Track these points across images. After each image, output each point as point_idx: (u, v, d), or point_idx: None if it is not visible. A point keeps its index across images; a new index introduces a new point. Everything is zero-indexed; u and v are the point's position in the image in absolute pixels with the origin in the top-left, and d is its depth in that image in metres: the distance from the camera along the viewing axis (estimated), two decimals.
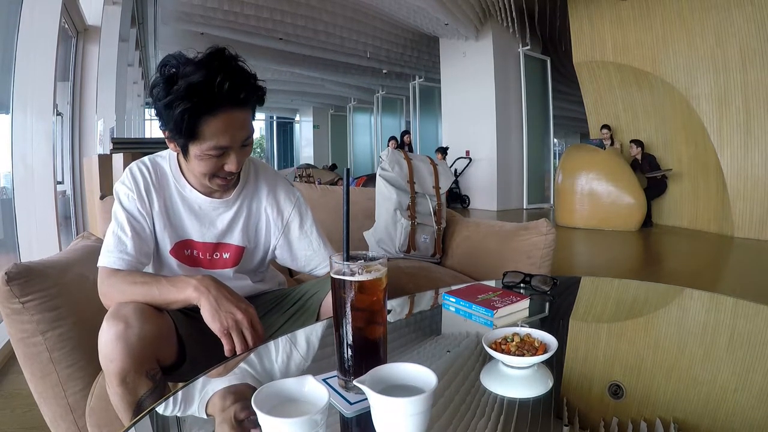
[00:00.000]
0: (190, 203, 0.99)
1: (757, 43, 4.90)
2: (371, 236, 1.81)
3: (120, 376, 0.77)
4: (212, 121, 0.84)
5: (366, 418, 0.51)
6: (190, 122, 0.83)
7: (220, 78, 0.81)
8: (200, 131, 0.85)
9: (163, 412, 0.62)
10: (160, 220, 0.98)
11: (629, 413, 0.58)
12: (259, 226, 1.06)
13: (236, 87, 0.83)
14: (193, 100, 0.81)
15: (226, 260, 1.03)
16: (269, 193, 1.05)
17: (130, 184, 0.96)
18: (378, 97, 13.54)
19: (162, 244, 0.99)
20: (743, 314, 0.98)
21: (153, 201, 0.97)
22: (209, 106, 0.82)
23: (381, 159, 1.88)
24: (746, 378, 0.68)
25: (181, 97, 0.81)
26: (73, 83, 3.99)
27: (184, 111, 0.81)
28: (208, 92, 0.81)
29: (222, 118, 0.84)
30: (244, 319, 0.81)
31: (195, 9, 7.45)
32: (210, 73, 0.81)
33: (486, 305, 0.90)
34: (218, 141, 0.86)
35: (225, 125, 0.85)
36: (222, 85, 0.81)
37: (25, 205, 2.66)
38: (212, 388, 0.66)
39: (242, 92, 0.84)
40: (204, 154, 0.87)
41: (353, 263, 0.59)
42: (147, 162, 1.00)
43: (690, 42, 5.52)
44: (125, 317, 0.79)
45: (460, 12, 7.51)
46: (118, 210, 0.95)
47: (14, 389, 1.70)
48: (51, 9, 2.70)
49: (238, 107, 0.86)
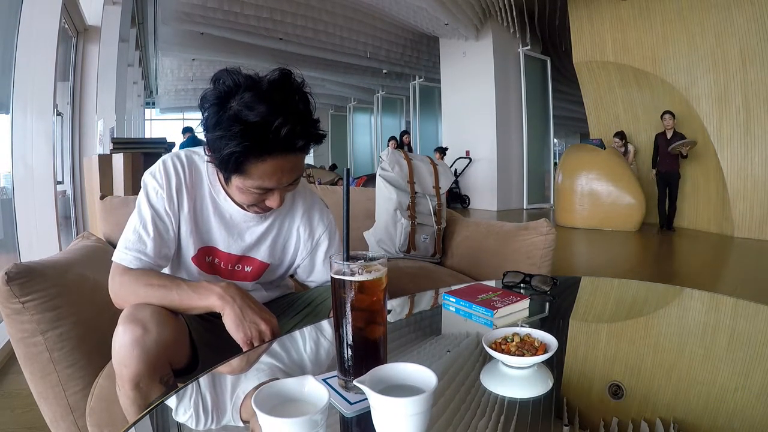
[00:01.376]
0: (221, 211, 0.94)
1: (757, 43, 4.90)
2: (371, 236, 1.81)
3: (134, 381, 0.76)
4: (261, 165, 0.78)
5: (366, 418, 0.51)
6: (237, 161, 0.77)
7: (280, 122, 0.74)
8: (247, 170, 0.79)
9: (196, 426, 0.59)
10: (187, 224, 0.92)
11: (629, 413, 0.58)
12: (288, 245, 1.02)
13: (295, 135, 0.76)
14: (245, 142, 0.74)
15: (247, 273, 1.00)
16: (304, 214, 1.02)
17: (162, 180, 0.90)
18: (378, 97, 13.54)
19: (185, 248, 0.94)
20: (743, 314, 0.98)
21: (183, 202, 0.91)
22: (261, 150, 0.76)
23: (381, 159, 1.88)
24: (746, 378, 0.68)
25: (232, 135, 0.74)
26: (73, 83, 3.99)
27: (233, 152, 0.75)
28: (263, 136, 0.74)
29: (273, 163, 0.79)
30: (267, 330, 0.80)
31: (195, 9, 7.46)
32: (270, 113, 0.74)
33: (486, 305, 0.90)
34: (264, 183, 0.81)
35: (274, 169, 0.80)
36: (280, 129, 0.74)
37: (25, 205, 2.66)
38: (242, 390, 0.65)
39: (300, 141, 0.78)
40: (247, 189, 0.83)
41: (353, 263, 0.59)
42: (183, 159, 0.93)
43: (690, 42, 5.52)
44: (143, 322, 0.77)
45: (460, 12, 7.51)
46: (143, 204, 0.89)
47: (14, 389, 1.70)
48: (51, 9, 2.70)
49: (293, 153, 0.80)
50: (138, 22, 6.72)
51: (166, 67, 11.74)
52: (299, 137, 0.77)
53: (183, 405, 0.62)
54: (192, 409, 0.62)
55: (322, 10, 7.95)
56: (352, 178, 7.42)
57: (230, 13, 7.64)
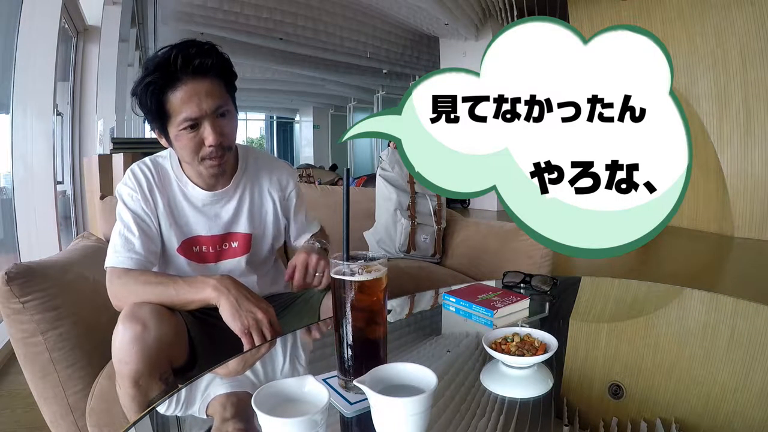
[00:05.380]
0: (192, 200, 1.00)
1: (757, 43, 4.90)
2: (371, 236, 1.81)
3: (133, 378, 0.77)
4: (176, 94, 0.86)
5: (366, 418, 0.51)
6: (156, 100, 0.86)
7: (175, 52, 0.85)
8: (169, 108, 0.87)
9: (165, 411, 0.61)
10: (166, 219, 0.98)
11: (629, 413, 0.58)
12: (264, 210, 1.07)
13: (191, 57, 0.86)
14: (154, 75, 0.85)
15: (236, 249, 1.03)
16: (271, 176, 1.07)
17: (133, 185, 0.96)
18: (378, 97, 13.52)
19: (168, 242, 0.99)
20: (743, 314, 0.98)
21: (157, 200, 0.97)
22: (170, 80, 0.86)
23: (381, 159, 1.88)
24: (746, 378, 0.68)
25: (144, 75, 0.86)
26: (73, 83, 3.99)
27: (147, 86, 0.86)
28: (166, 67, 0.85)
29: (184, 90, 0.86)
30: (264, 319, 0.81)
31: (195, 9, 7.45)
32: (168, 50, 0.86)
33: (486, 305, 0.90)
34: (186, 112, 0.87)
35: (188, 95, 0.86)
36: (177, 57, 0.85)
37: (25, 205, 2.66)
38: (214, 390, 0.66)
39: (197, 60, 0.86)
40: (179, 132, 0.88)
41: (353, 263, 0.59)
42: (148, 162, 1.00)
43: (690, 42, 5.52)
44: (143, 319, 0.79)
45: (460, 12, 7.51)
46: (122, 211, 0.95)
47: (14, 389, 1.70)
48: (51, 9, 2.70)
49: (199, 76, 0.87)
50: (138, 22, 6.71)
51: None
52: (196, 57, 0.86)
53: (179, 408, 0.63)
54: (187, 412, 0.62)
55: (322, 10, 7.94)
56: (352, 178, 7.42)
57: (230, 13, 7.63)
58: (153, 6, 6.97)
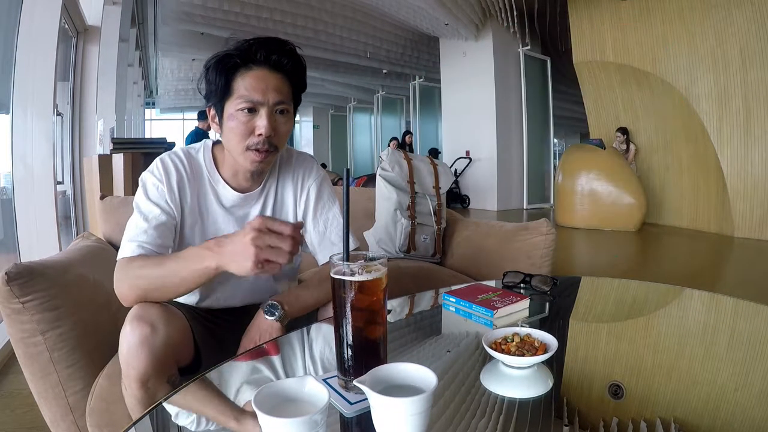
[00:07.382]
0: (222, 199, 0.96)
1: (757, 43, 4.90)
2: (371, 236, 1.81)
3: (141, 380, 0.75)
4: (246, 76, 0.87)
5: (366, 418, 0.51)
6: (226, 77, 0.86)
7: (258, 43, 0.87)
8: (234, 86, 0.87)
9: (197, 426, 0.60)
10: (191, 216, 0.94)
11: (629, 413, 0.58)
12: (285, 210, 1.02)
13: (272, 51, 0.87)
14: (229, 56, 0.87)
15: None
16: (295, 172, 1.03)
17: (161, 175, 0.91)
18: (378, 97, 13.53)
19: (189, 240, 0.94)
20: (743, 314, 0.98)
21: (186, 196, 0.93)
22: (246, 62, 0.87)
23: (381, 159, 1.88)
24: (746, 378, 0.68)
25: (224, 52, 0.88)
26: (73, 83, 3.99)
27: (222, 61, 0.87)
28: (243, 53, 0.87)
29: (256, 75, 0.87)
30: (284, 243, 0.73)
31: (195, 9, 7.45)
32: (252, 40, 0.88)
33: (486, 305, 0.90)
34: (251, 95, 0.86)
35: (257, 81, 0.87)
36: (259, 47, 0.87)
37: (25, 205, 2.66)
38: (216, 390, 0.65)
39: (276, 55, 0.88)
40: (236, 111, 0.87)
41: (353, 263, 0.59)
42: (180, 154, 0.96)
43: (690, 42, 5.52)
44: (151, 321, 0.77)
45: (460, 12, 7.51)
46: (142, 201, 0.90)
47: (14, 389, 1.70)
48: (51, 9, 2.70)
49: (273, 69, 0.88)
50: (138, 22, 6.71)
51: (166, 67, 11.73)
52: (274, 52, 0.88)
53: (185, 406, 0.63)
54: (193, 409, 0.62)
55: (322, 10, 7.94)
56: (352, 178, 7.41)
57: (230, 13, 7.63)
58: (153, 6, 6.97)
